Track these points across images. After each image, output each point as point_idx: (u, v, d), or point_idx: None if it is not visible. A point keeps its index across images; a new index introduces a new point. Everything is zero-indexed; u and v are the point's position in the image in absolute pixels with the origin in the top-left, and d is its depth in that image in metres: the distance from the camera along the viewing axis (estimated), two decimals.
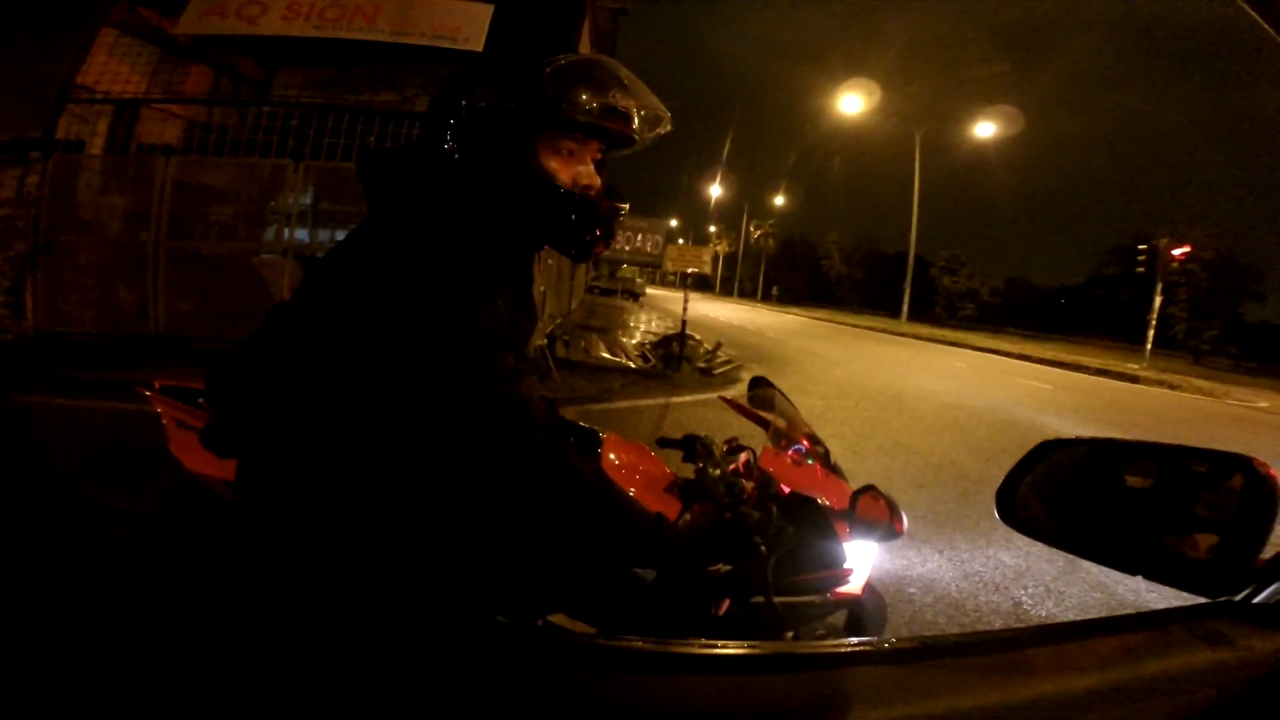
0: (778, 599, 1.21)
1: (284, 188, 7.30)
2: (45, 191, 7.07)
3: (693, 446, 1.52)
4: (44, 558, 0.61)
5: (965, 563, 3.47)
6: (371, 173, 1.00)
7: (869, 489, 1.41)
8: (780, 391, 1.74)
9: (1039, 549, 3.64)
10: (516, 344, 1.00)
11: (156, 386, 1.69)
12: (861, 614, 1.76)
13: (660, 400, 7.37)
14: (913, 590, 3.08)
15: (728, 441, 1.63)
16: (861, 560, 1.58)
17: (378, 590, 0.94)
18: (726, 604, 1.25)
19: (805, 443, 1.58)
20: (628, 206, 1.05)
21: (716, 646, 0.64)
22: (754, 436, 1.66)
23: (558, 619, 1.19)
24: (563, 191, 0.96)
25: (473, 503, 0.97)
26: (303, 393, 0.93)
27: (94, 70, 7.48)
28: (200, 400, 1.59)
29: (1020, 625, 2.86)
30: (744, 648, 0.65)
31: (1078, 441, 1.02)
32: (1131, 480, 0.92)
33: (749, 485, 1.41)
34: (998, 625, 2.87)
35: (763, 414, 1.67)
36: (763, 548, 1.18)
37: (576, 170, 0.99)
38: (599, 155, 1.02)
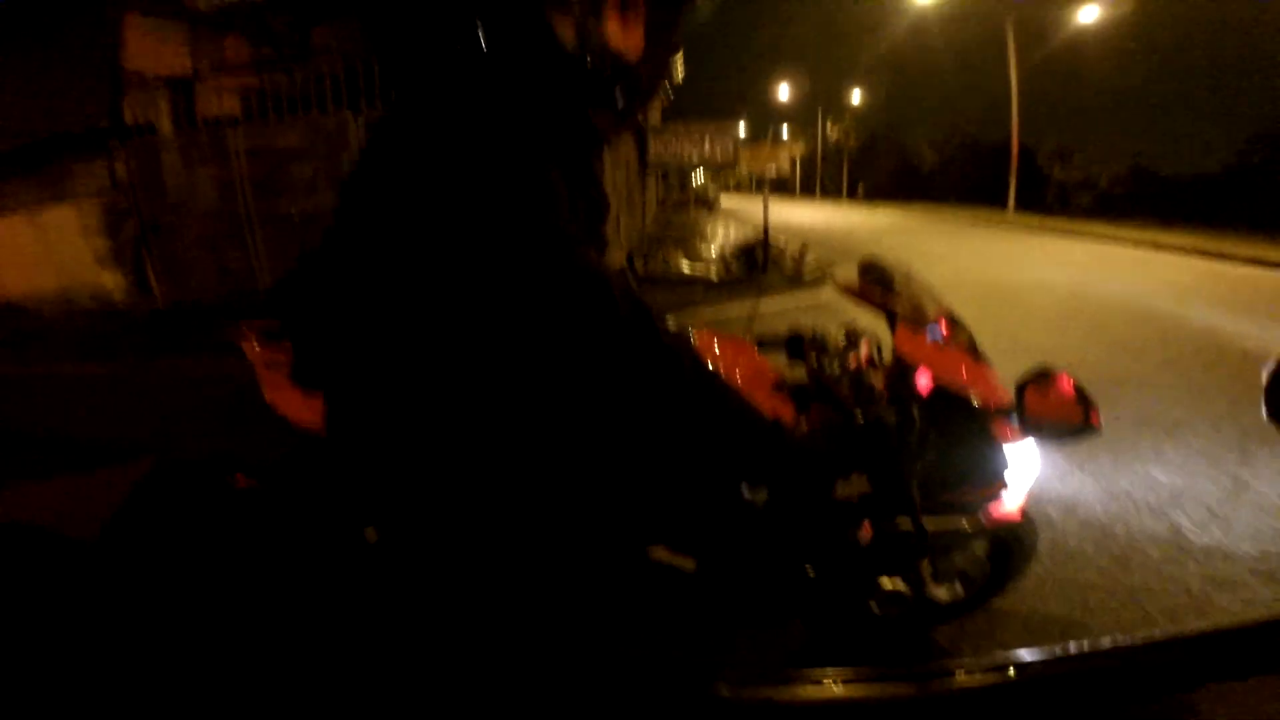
0: (925, 520, 0.95)
1: (350, 142, 7.44)
2: (136, 175, 7.71)
3: (799, 343, 1.26)
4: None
5: (1111, 479, 3.03)
6: (390, 51, 0.87)
7: (1043, 374, 1.07)
8: (901, 267, 1.39)
9: (1196, 464, 3.14)
10: (588, 230, 0.89)
11: (245, 331, 1.63)
12: (1010, 543, 1.42)
13: (748, 307, 6.97)
14: (1052, 512, 2.70)
15: (843, 331, 1.33)
16: (1023, 474, 1.25)
17: (480, 525, 0.88)
18: (868, 528, 1.02)
19: (943, 326, 1.25)
20: (679, 57, 0.73)
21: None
22: (875, 330, 1.34)
23: (659, 552, 1.02)
24: (554, 51, 0.80)
25: (561, 406, 0.86)
26: (370, 303, 0.85)
27: (134, 54, 7.79)
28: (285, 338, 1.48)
29: (1188, 557, 2.46)
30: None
31: None
32: None
33: (878, 381, 1.13)
34: (1154, 553, 2.46)
35: (881, 293, 1.33)
36: (907, 458, 0.92)
37: (583, 25, 0.81)
38: (639, 6, 0.83)
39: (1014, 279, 9.29)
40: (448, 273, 0.79)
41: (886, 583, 1.24)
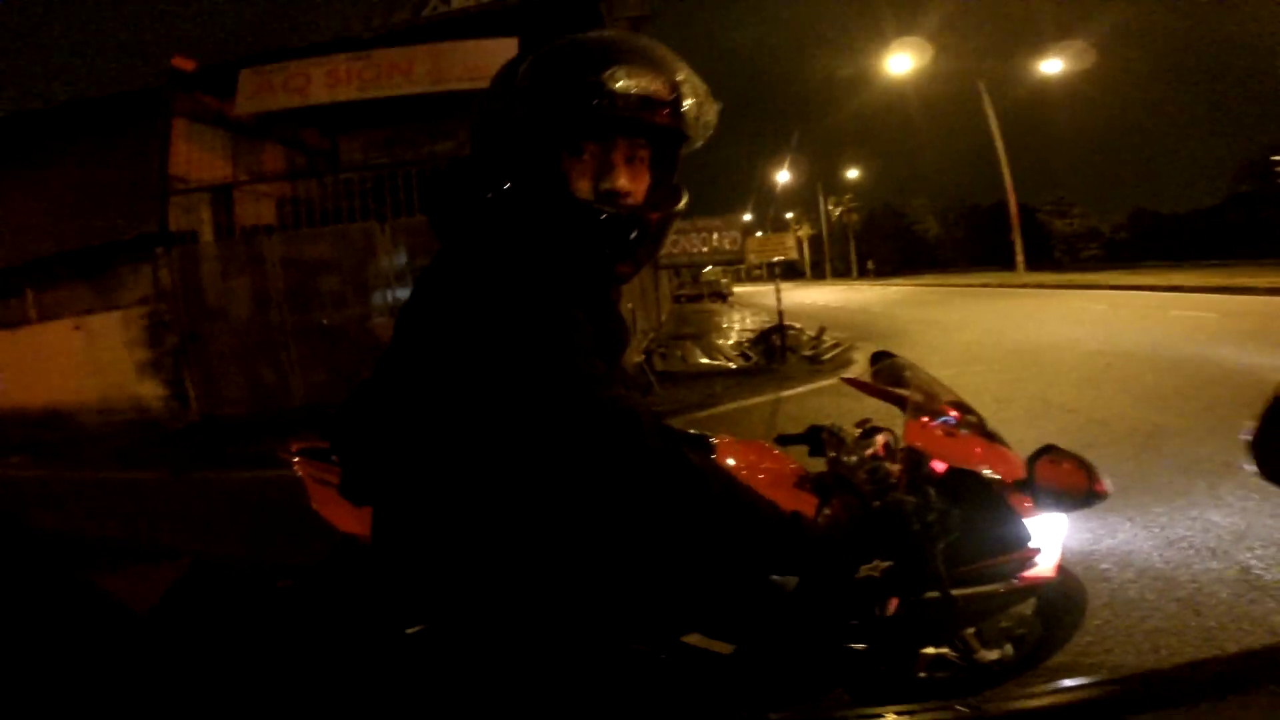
0: (955, 591, 1.02)
1: (376, 250, 7.71)
2: (177, 283, 7.86)
3: (818, 438, 1.36)
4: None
5: (1165, 528, 2.93)
6: (432, 201, 0.97)
7: (1049, 450, 1.20)
8: (909, 362, 1.51)
9: (1256, 504, 3.03)
10: (609, 361, 0.94)
11: (294, 450, 1.77)
12: (1055, 599, 1.49)
13: (770, 396, 7.03)
14: (1106, 565, 2.62)
15: (859, 425, 1.43)
16: (1049, 537, 1.33)
17: (521, 624, 0.93)
18: (895, 603, 1.06)
19: (953, 413, 1.35)
20: (684, 203, 0.93)
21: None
22: (889, 418, 1.43)
23: (693, 639, 1.08)
24: (570, 202, 0.86)
25: (597, 520, 0.93)
26: (417, 430, 0.93)
27: (180, 161, 8.19)
28: (333, 457, 1.63)
29: (1263, 594, 2.36)
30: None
31: None
32: None
33: (894, 469, 1.22)
34: (1224, 595, 2.36)
35: (894, 390, 1.45)
36: (926, 536, 0.99)
37: (600, 175, 0.87)
38: (643, 154, 0.89)
39: (1036, 340, 9.28)
40: (487, 403, 0.86)
41: (929, 650, 1.26)
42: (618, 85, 0.80)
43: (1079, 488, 1.17)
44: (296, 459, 1.73)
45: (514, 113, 0.85)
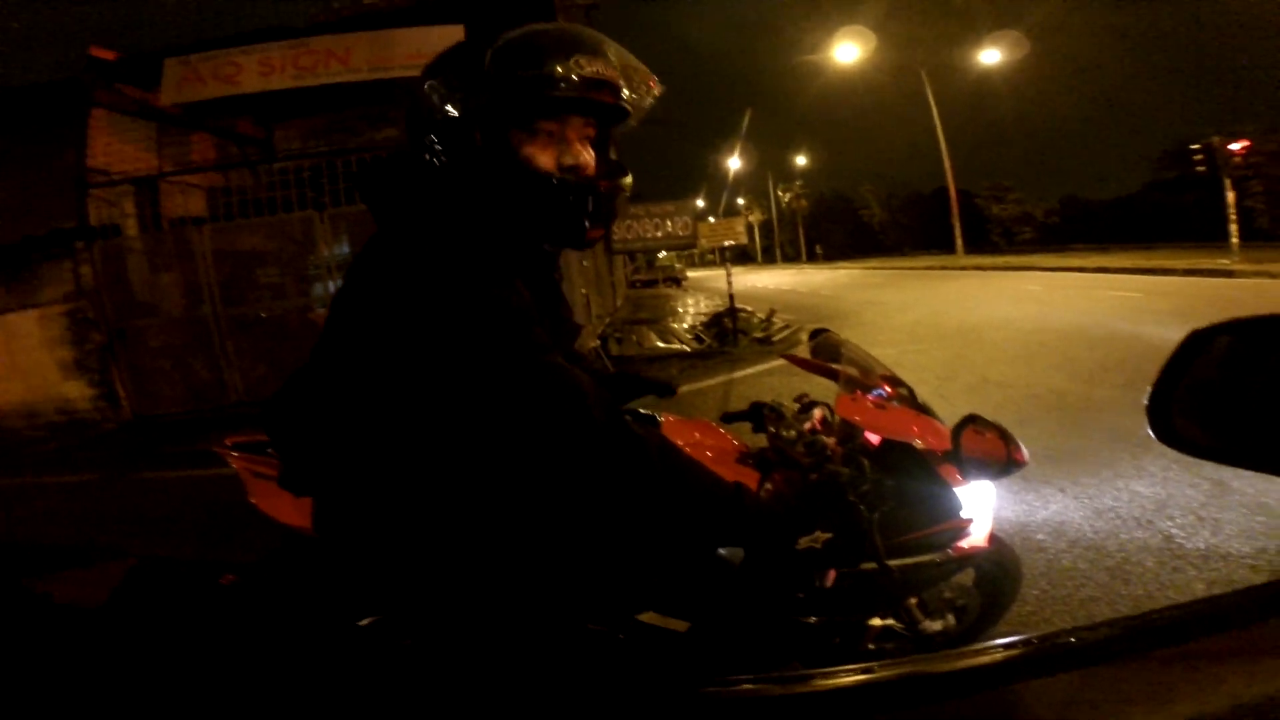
0: (892, 562, 1.06)
1: (316, 240, 7.45)
2: (101, 279, 7.44)
3: (760, 414, 1.37)
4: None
5: (1094, 498, 3.08)
6: (370, 187, 0.99)
7: (971, 420, 1.23)
8: (843, 338, 1.55)
9: (1176, 473, 3.21)
10: (555, 337, 0.96)
11: (229, 444, 1.73)
12: (992, 570, 1.55)
13: (722, 378, 7.11)
14: (1041, 536, 2.74)
15: (798, 399, 1.46)
16: (980, 506, 1.37)
17: (477, 609, 0.94)
18: (833, 575, 1.11)
19: (885, 386, 1.39)
20: (629, 180, 0.99)
21: (845, 675, 0.49)
22: (829, 394, 1.45)
23: (649, 617, 1.09)
24: (536, 177, 0.91)
25: (546, 495, 0.94)
26: (359, 414, 0.93)
27: (100, 153, 7.79)
28: (269, 450, 1.60)
29: (1184, 563, 2.50)
30: (880, 670, 0.52)
31: (1235, 324, 0.80)
32: None
33: (831, 442, 1.24)
34: (1149, 563, 2.49)
35: (830, 365, 1.49)
36: (861, 506, 1.02)
37: (559, 152, 0.93)
38: (590, 131, 0.97)
39: (975, 319, 9.63)
40: (430, 382, 0.87)
41: (876, 622, 1.29)
42: (584, 71, 0.87)
43: (999, 456, 1.21)
44: (234, 454, 1.69)
45: (478, 96, 0.89)
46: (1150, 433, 0.82)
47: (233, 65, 7.60)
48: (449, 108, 0.90)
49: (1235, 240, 16.56)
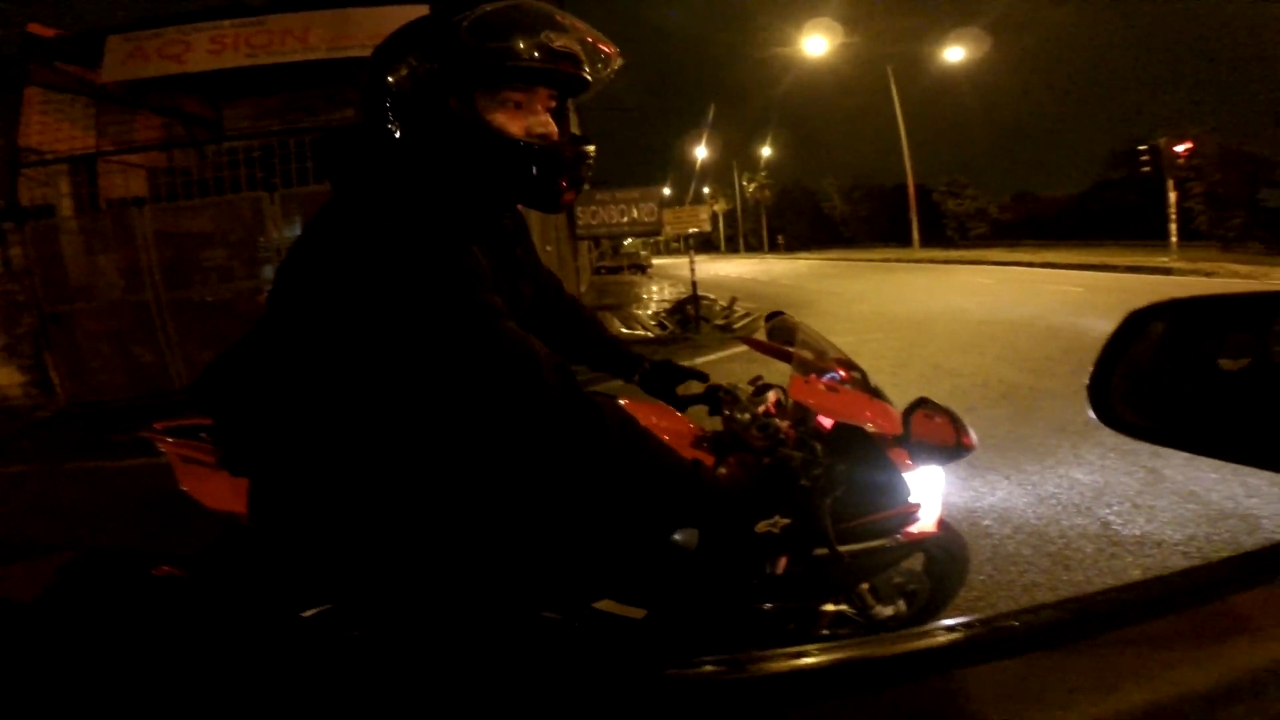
0: (843, 548, 1.06)
1: (266, 222, 7.12)
2: (33, 261, 7.01)
3: (715, 397, 1.36)
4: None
5: (1037, 485, 3.21)
6: (328, 158, 0.98)
7: (921, 404, 1.25)
8: (798, 321, 1.54)
9: (1112, 461, 3.36)
10: (514, 308, 0.95)
11: (159, 428, 1.63)
12: (940, 555, 1.57)
13: (684, 364, 7.13)
14: (988, 522, 2.84)
15: (752, 382, 1.45)
16: (930, 491, 1.38)
17: (427, 598, 0.91)
18: (784, 561, 1.11)
19: (839, 369, 1.38)
20: (593, 148, 1.01)
21: (801, 657, 0.52)
22: (784, 376, 1.47)
23: (605, 605, 1.08)
24: (516, 143, 0.93)
25: (496, 469, 0.92)
26: (305, 385, 0.90)
27: (34, 132, 7.38)
28: (202, 435, 1.51)
29: (1121, 549, 2.63)
30: (832, 652, 0.56)
31: (1175, 304, 0.82)
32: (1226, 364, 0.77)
33: (784, 425, 1.23)
34: (1089, 549, 2.60)
35: (786, 348, 1.47)
36: (814, 491, 1.02)
37: (528, 121, 0.95)
38: (553, 103, 0.99)
39: (928, 310, 9.89)
40: (379, 345, 0.86)
41: (830, 607, 1.31)
42: (554, 44, 0.90)
43: (949, 441, 1.23)
44: (165, 438, 1.59)
45: (448, 68, 0.90)
46: (1092, 415, 0.83)
47: (181, 43, 7.22)
48: (414, 79, 0.91)
49: (1174, 239, 17.44)
